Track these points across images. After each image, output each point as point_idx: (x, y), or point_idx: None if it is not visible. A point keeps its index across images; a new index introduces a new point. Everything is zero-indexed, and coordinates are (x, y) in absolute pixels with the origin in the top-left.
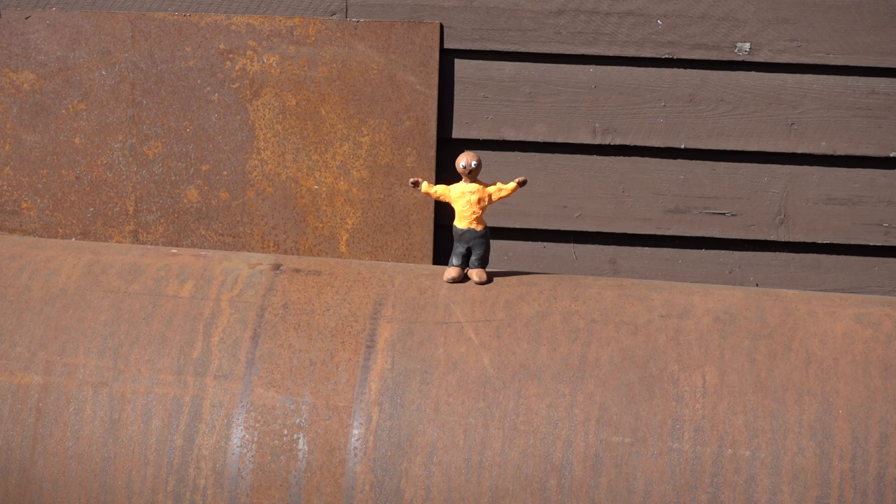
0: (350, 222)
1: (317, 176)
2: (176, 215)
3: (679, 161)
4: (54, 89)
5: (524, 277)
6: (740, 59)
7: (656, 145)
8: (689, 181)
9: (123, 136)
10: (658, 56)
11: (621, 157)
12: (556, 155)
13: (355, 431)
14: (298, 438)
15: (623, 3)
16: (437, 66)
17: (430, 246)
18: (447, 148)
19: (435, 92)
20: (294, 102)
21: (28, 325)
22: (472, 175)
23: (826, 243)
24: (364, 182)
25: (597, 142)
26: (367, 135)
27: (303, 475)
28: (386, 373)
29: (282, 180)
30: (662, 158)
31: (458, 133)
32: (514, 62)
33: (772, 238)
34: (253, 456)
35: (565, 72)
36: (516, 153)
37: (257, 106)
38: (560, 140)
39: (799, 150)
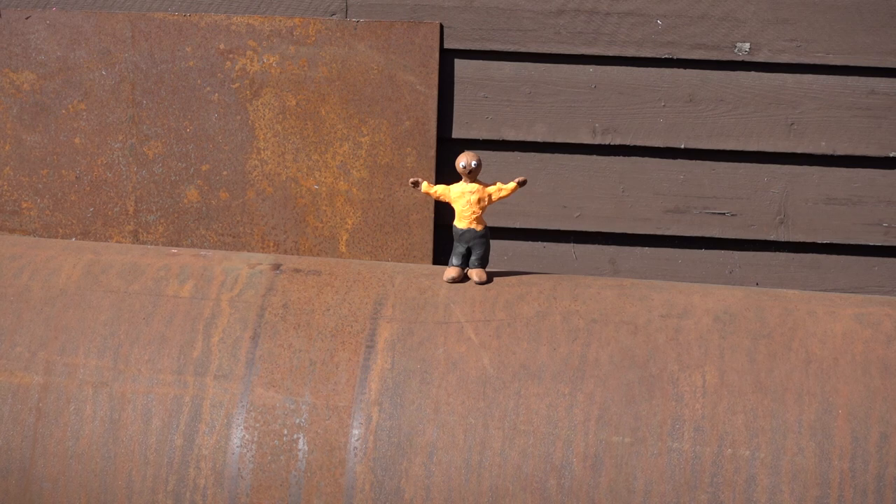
0: (350, 222)
1: (317, 176)
2: (176, 215)
3: (679, 161)
4: (54, 89)
5: (524, 277)
6: (740, 59)
7: (656, 145)
8: (689, 181)
9: (123, 136)
10: (658, 56)
11: (621, 157)
12: (556, 155)
13: (355, 431)
14: (298, 438)
15: (623, 3)
16: (437, 66)
17: (430, 246)
18: (447, 148)
19: (435, 92)
20: (294, 102)
21: (28, 325)
22: (472, 175)
23: (826, 243)
24: (364, 182)
25: (597, 142)
26: (367, 135)
27: (303, 475)
28: (386, 373)
29: (282, 180)
30: (662, 158)
31: (458, 133)
32: (514, 62)
33: (772, 238)
34: (253, 456)
35: (565, 72)
36: (516, 153)
37: (257, 106)
38: (560, 140)
39: (799, 150)
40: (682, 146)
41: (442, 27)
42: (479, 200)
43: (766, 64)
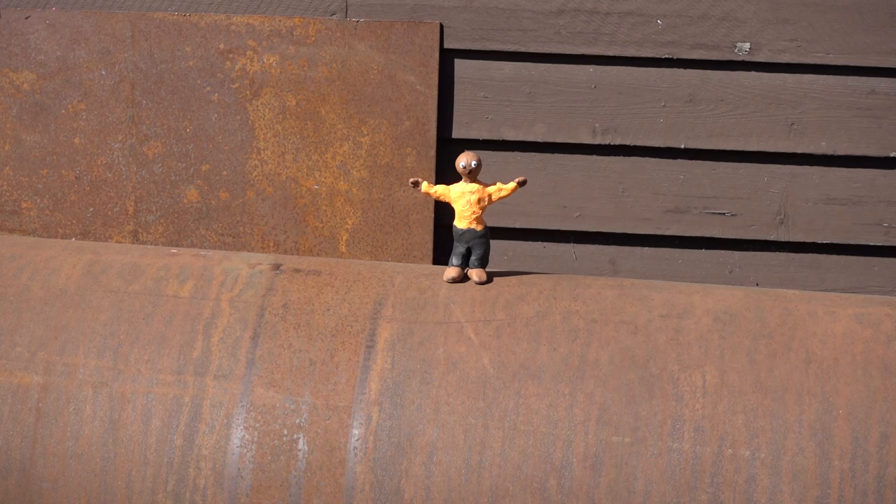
0: (350, 222)
1: (317, 176)
2: (176, 215)
3: (679, 161)
4: (54, 89)
5: (524, 277)
6: (740, 59)
7: (656, 145)
8: (689, 181)
9: (123, 136)
10: (658, 56)
11: (621, 157)
12: (556, 155)
13: (355, 431)
14: (298, 438)
15: (623, 3)
16: (437, 66)
17: (430, 246)
18: (447, 148)
19: (435, 92)
20: (294, 102)
21: (28, 325)
22: (472, 175)
23: (826, 243)
24: (364, 182)
25: (597, 142)
26: (367, 135)
27: (303, 475)
28: (386, 373)
29: (282, 180)
30: (662, 158)
31: (458, 133)
32: (514, 62)
33: (772, 238)
34: (253, 456)
35: (565, 72)
36: (516, 153)
37: (257, 106)
38: (560, 140)
39: (799, 150)
40: (682, 146)
41: (442, 27)
42: (479, 200)
43: (767, 64)
